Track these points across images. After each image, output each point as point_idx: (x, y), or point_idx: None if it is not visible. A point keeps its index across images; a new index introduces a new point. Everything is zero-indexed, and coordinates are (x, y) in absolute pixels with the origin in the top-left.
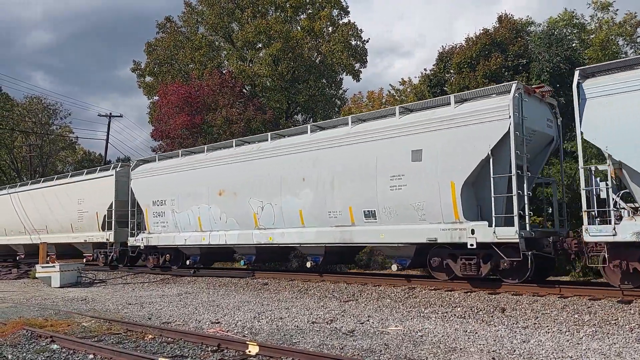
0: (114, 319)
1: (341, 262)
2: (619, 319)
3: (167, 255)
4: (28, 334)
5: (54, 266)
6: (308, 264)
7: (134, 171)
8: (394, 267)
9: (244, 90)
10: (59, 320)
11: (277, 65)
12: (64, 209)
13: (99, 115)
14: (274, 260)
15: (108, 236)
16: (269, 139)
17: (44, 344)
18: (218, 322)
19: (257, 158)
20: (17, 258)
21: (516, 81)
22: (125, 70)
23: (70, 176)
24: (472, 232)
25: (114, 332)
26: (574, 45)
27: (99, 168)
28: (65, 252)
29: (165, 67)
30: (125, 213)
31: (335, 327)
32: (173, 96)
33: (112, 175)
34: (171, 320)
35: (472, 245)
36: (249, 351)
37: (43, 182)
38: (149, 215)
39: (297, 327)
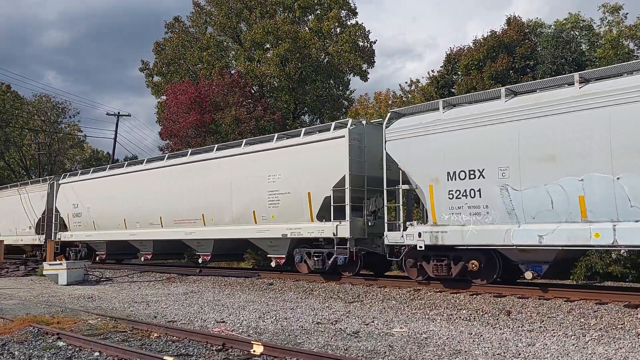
0: (120, 317)
1: None
2: (626, 323)
3: (474, 261)
4: (35, 330)
5: (61, 264)
6: None
7: (391, 128)
8: None
9: (252, 90)
10: (66, 317)
11: (284, 66)
12: (241, 190)
13: (107, 114)
14: None
15: (335, 229)
16: None
17: (50, 340)
18: (223, 322)
19: None
20: (143, 259)
21: None
22: (137, 70)
23: (246, 144)
24: None
25: (120, 330)
26: (582, 48)
27: (303, 130)
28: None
29: (174, 67)
30: (357, 195)
31: (340, 328)
32: (183, 96)
33: (344, 136)
34: (176, 319)
35: None
36: (254, 351)
37: (191, 154)
38: (436, 195)
39: (302, 327)
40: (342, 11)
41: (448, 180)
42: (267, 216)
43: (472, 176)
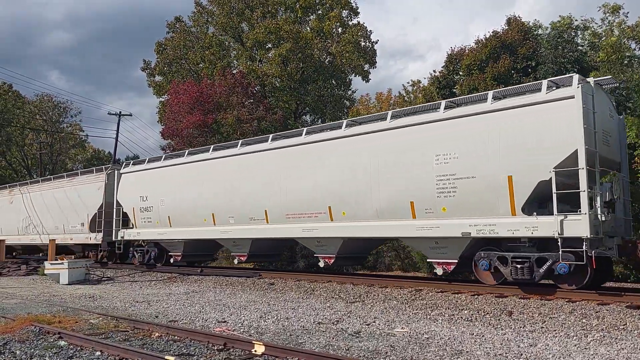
0: (121, 317)
1: None
2: (628, 324)
3: None
4: (36, 330)
5: (62, 263)
6: None
7: None
8: None
9: (253, 90)
10: (67, 316)
11: (286, 66)
12: (390, 175)
13: (108, 113)
14: None
15: (559, 225)
16: None
17: (51, 340)
18: (224, 321)
19: None
20: (236, 261)
21: None
22: (139, 70)
23: (393, 116)
24: None
25: (121, 330)
26: (582, 48)
27: (490, 93)
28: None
29: (175, 67)
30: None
31: (342, 328)
32: (185, 95)
33: (573, 97)
34: (178, 318)
35: None
36: (255, 351)
37: (307, 133)
38: None
39: (303, 327)
40: (344, 11)
41: None
42: (434, 209)
43: None
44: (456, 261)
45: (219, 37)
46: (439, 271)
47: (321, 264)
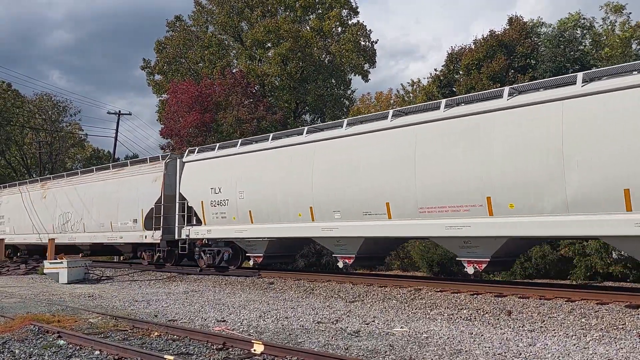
0: (121, 316)
1: None
2: (627, 323)
3: None
4: (35, 329)
5: (61, 262)
6: None
7: None
8: None
9: (253, 90)
10: (66, 316)
11: (286, 65)
12: (589, 154)
13: (108, 112)
14: None
15: None
16: None
17: (51, 339)
18: (224, 321)
19: None
20: (341, 264)
21: None
22: (140, 69)
23: (584, 80)
24: None
25: (121, 329)
26: (583, 47)
27: None
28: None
29: (175, 66)
30: None
31: (341, 328)
32: (184, 95)
33: None
34: (177, 318)
35: None
36: (254, 350)
37: (447, 106)
38: None
39: (303, 326)
40: (344, 10)
41: None
42: None
43: None
44: None
45: (219, 36)
46: None
47: (470, 270)
